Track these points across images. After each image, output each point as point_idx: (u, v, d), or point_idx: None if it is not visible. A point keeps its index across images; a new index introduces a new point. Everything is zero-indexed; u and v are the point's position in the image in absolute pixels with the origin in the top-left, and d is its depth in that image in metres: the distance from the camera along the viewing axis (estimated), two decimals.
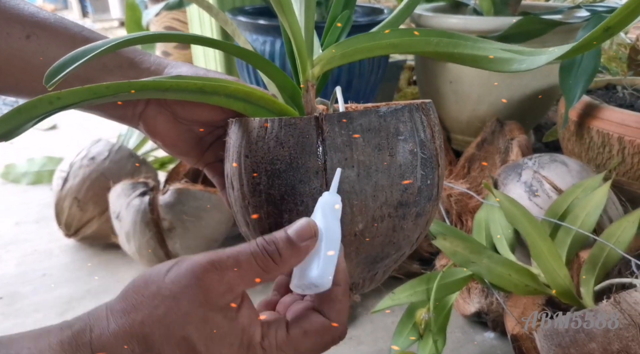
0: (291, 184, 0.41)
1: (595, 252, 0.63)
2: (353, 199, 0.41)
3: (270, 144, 0.42)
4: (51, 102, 0.39)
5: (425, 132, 0.43)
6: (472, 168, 0.97)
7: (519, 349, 0.61)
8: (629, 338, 0.49)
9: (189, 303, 0.33)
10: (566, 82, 0.76)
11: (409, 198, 0.42)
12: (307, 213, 0.41)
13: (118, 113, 0.50)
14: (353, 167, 0.41)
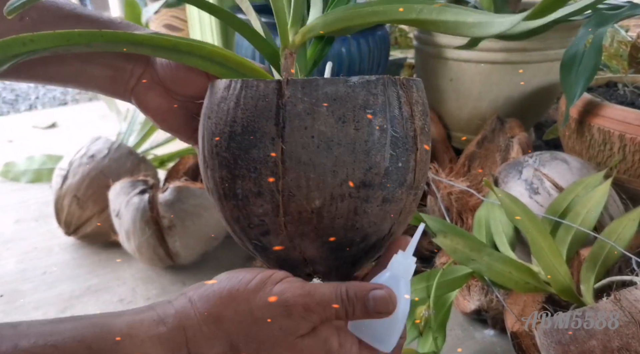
0: (245, 148, 0.39)
1: (596, 250, 0.63)
2: (310, 172, 0.38)
3: (230, 105, 0.40)
4: (24, 43, 0.39)
5: (402, 108, 0.40)
6: (472, 166, 0.97)
7: (519, 346, 0.61)
8: (629, 335, 0.49)
9: (280, 330, 0.36)
10: (567, 80, 0.76)
11: (374, 178, 0.39)
12: (259, 181, 0.39)
13: (111, 88, 0.51)
14: (313, 137, 0.38)
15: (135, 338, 0.35)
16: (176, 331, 0.36)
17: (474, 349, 0.69)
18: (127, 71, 0.50)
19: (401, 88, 0.41)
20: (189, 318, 0.37)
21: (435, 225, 0.70)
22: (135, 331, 0.35)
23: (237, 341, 0.36)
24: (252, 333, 0.36)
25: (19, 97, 2.01)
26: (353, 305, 0.38)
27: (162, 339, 0.35)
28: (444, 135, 1.06)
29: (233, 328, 0.36)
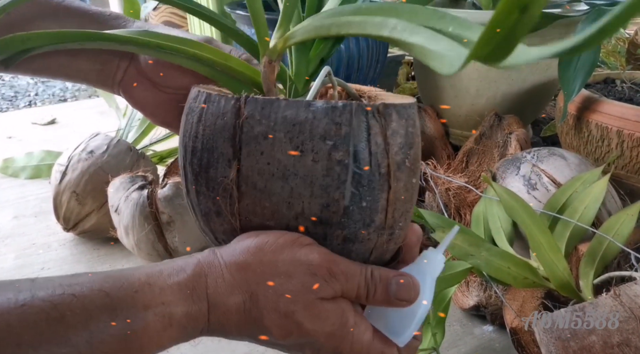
0: (205, 166, 0.38)
1: (594, 245, 0.63)
2: (265, 200, 0.36)
3: (194, 119, 0.38)
4: (23, 41, 0.41)
5: (371, 142, 0.35)
6: (470, 162, 0.97)
7: (518, 342, 0.62)
8: (629, 330, 0.50)
9: (302, 286, 0.36)
10: (565, 76, 0.76)
11: (331, 216, 0.36)
12: (217, 202, 0.38)
13: (99, 81, 0.51)
14: (269, 164, 0.35)
15: (154, 286, 0.35)
16: (197, 278, 0.36)
17: (472, 345, 0.70)
18: (114, 64, 0.50)
19: (374, 117, 0.36)
20: (212, 266, 0.36)
21: (433, 221, 0.70)
22: (155, 280, 0.35)
23: (257, 291, 0.36)
24: (274, 285, 0.36)
25: (18, 94, 2.00)
26: (375, 286, 0.38)
27: (181, 285, 0.35)
28: (442, 132, 1.06)
29: (255, 278, 0.36)
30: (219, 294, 0.36)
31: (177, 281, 0.35)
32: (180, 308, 0.35)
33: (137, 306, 0.33)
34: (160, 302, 0.34)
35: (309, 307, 0.36)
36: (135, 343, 0.33)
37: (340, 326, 0.37)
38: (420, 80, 1.14)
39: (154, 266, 0.36)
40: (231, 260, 0.36)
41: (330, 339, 0.37)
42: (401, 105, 0.37)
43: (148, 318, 0.34)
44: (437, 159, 0.99)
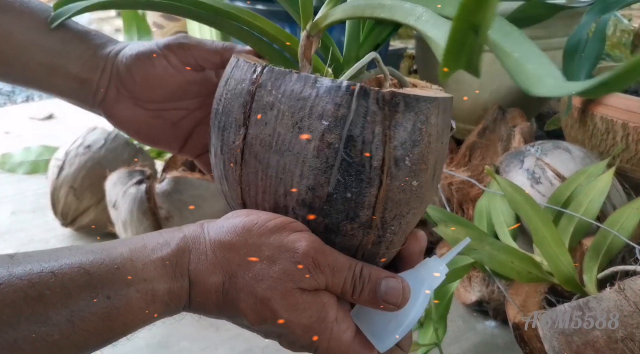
0: (222, 129, 0.38)
1: (599, 239, 0.62)
2: (262, 172, 0.36)
3: (223, 82, 0.39)
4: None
5: (367, 129, 0.33)
6: (473, 156, 0.96)
7: (521, 337, 0.61)
8: (633, 325, 0.49)
9: (283, 273, 0.35)
10: (569, 67, 0.75)
11: (315, 201, 0.35)
12: (227, 165, 0.38)
13: (78, 99, 0.49)
14: (270, 135, 0.35)
15: (136, 261, 0.34)
16: (180, 253, 0.35)
17: (475, 340, 0.69)
18: (92, 83, 0.48)
19: (376, 104, 0.33)
20: (196, 242, 0.36)
21: (436, 215, 0.69)
22: (137, 255, 0.34)
23: (237, 273, 0.35)
24: (254, 269, 0.35)
25: (15, 89, 2.00)
26: (363, 284, 0.36)
27: (164, 261, 0.34)
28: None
29: (238, 259, 0.35)
30: (199, 272, 0.35)
31: (160, 256, 0.34)
32: (162, 284, 0.34)
33: (119, 283, 0.33)
34: (143, 279, 0.33)
35: (286, 296, 0.35)
36: (118, 320, 0.33)
37: (319, 321, 0.36)
38: (423, 74, 1.13)
39: (139, 240, 0.35)
40: (216, 238, 0.36)
41: (307, 333, 0.36)
42: (414, 97, 0.34)
43: (130, 295, 0.33)
44: None
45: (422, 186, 0.36)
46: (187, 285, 0.35)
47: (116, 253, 0.34)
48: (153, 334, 0.69)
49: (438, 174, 0.39)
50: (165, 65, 0.47)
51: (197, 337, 0.68)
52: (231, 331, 0.69)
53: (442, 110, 0.36)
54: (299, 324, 0.35)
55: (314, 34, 0.40)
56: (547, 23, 0.87)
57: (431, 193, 0.38)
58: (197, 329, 0.69)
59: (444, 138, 0.37)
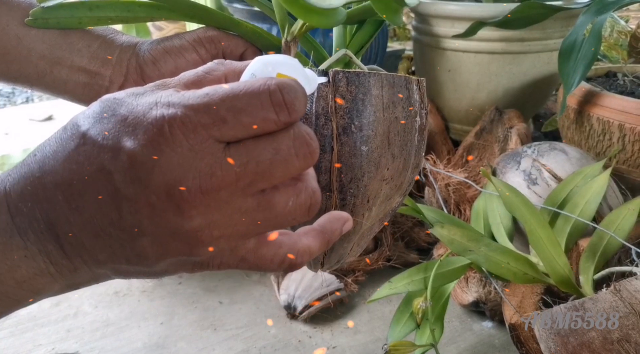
0: None
1: (595, 240, 0.63)
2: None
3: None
4: (90, 8, 0.41)
5: (320, 103, 0.39)
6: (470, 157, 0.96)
7: (517, 338, 0.61)
8: (629, 326, 0.49)
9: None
10: (565, 68, 0.75)
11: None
12: None
13: (84, 96, 0.48)
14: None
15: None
16: None
17: (472, 341, 0.69)
18: (104, 78, 0.47)
19: (323, 83, 0.39)
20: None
21: (432, 216, 0.69)
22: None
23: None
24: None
25: (15, 90, 2.00)
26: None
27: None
28: (442, 127, 1.05)
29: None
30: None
31: None
32: None
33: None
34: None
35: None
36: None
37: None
38: (420, 75, 1.13)
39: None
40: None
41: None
42: (354, 73, 0.39)
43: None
44: (437, 154, 0.98)
45: (373, 151, 0.40)
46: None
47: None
48: (150, 335, 0.69)
49: (399, 145, 0.42)
50: (195, 59, 0.46)
51: (194, 338, 0.68)
52: (229, 332, 0.70)
53: (388, 85, 0.41)
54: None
55: (291, 40, 0.46)
56: (544, 24, 0.87)
57: (389, 161, 0.42)
58: (195, 330, 0.70)
59: (395, 111, 0.41)
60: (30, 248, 0.29)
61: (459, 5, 0.93)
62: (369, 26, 0.50)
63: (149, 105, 0.27)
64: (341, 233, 0.34)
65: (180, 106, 0.26)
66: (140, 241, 0.28)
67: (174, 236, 0.27)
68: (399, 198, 0.49)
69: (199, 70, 0.32)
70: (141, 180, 0.26)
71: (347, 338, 0.69)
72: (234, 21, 0.47)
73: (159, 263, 0.29)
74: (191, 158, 0.26)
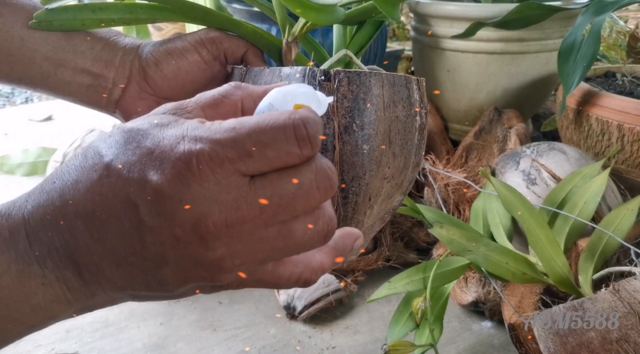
0: None
1: (594, 240, 0.63)
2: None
3: None
4: (93, 10, 0.42)
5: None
6: (469, 157, 0.96)
7: (517, 338, 0.61)
8: (628, 326, 0.49)
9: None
10: (564, 68, 0.75)
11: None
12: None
13: (88, 98, 0.48)
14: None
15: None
16: None
17: (471, 341, 0.69)
18: (108, 80, 0.47)
19: (323, 82, 0.39)
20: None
21: (431, 216, 0.69)
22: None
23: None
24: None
25: (14, 90, 2.00)
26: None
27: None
28: (441, 127, 1.05)
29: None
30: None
31: None
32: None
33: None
34: None
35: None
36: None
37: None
38: (419, 75, 1.13)
39: None
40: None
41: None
42: (355, 72, 0.39)
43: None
44: (436, 154, 0.98)
45: (374, 150, 0.41)
46: None
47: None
48: (150, 335, 0.69)
49: (400, 143, 0.43)
50: (197, 60, 0.46)
51: (193, 338, 0.68)
52: (228, 332, 0.70)
53: (388, 84, 0.41)
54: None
55: (292, 41, 0.47)
56: (543, 24, 0.87)
57: (390, 159, 0.43)
58: (194, 330, 0.70)
59: (396, 110, 0.42)
60: (48, 276, 0.29)
61: (458, 6, 0.94)
62: (369, 27, 0.51)
63: (175, 138, 0.27)
64: (352, 249, 0.35)
65: (208, 141, 0.27)
66: (163, 270, 0.29)
67: (196, 265, 0.28)
68: (400, 197, 0.49)
69: (216, 93, 0.32)
70: (167, 213, 0.27)
71: (347, 338, 0.69)
72: (234, 22, 0.47)
73: (179, 289, 0.30)
74: (217, 192, 0.27)
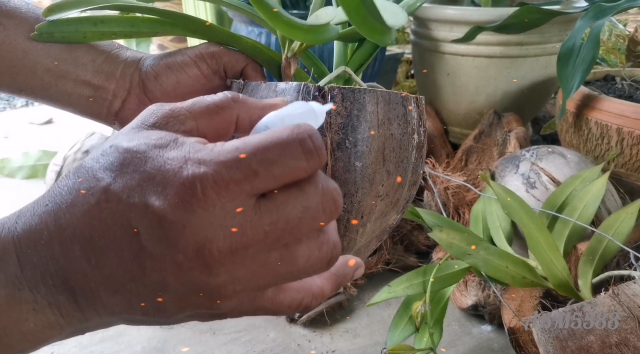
0: None
1: (594, 244, 0.63)
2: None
3: None
4: (95, 23, 0.42)
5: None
6: (469, 160, 0.96)
7: (516, 342, 0.61)
8: (627, 330, 0.49)
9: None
10: (564, 72, 0.75)
11: None
12: None
13: (89, 109, 0.48)
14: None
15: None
16: None
17: (471, 345, 0.69)
18: (108, 92, 0.47)
19: (317, 97, 0.39)
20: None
21: (431, 220, 0.69)
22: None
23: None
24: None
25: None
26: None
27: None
28: (441, 130, 1.05)
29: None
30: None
31: None
32: None
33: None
34: None
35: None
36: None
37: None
38: (419, 78, 1.14)
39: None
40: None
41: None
42: (349, 88, 0.39)
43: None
44: (436, 158, 0.98)
45: (367, 167, 0.40)
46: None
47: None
48: (149, 339, 0.69)
49: (394, 161, 0.42)
50: (197, 74, 0.47)
51: (193, 341, 0.68)
52: (228, 336, 0.70)
53: (383, 101, 0.41)
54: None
55: (291, 57, 0.47)
56: (542, 29, 0.87)
57: (384, 177, 0.42)
58: (194, 334, 0.70)
59: (391, 127, 0.41)
60: (40, 302, 0.28)
61: (458, 10, 0.94)
62: (369, 44, 0.50)
63: (177, 162, 0.26)
64: (352, 278, 0.35)
65: (212, 164, 0.26)
66: (162, 297, 0.28)
67: (196, 292, 0.27)
68: (396, 215, 0.48)
69: (211, 103, 0.31)
70: (169, 239, 0.26)
71: (347, 342, 0.69)
72: (235, 37, 0.48)
73: (177, 315, 0.29)
74: (222, 216, 0.26)
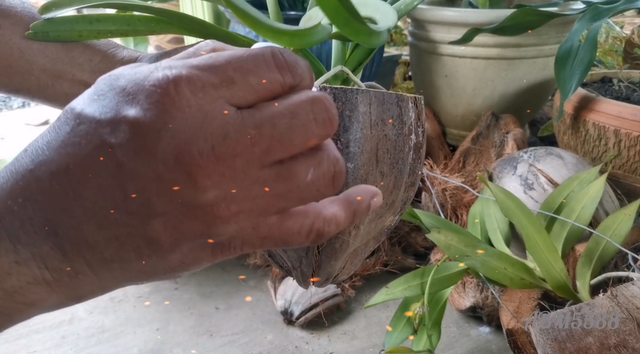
0: None
1: (592, 245, 0.63)
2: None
3: None
4: (91, 21, 0.42)
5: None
6: (467, 162, 0.96)
7: (515, 343, 0.61)
8: (626, 332, 0.49)
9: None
10: (561, 74, 0.75)
11: None
12: None
13: None
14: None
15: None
16: None
17: (469, 346, 0.69)
18: None
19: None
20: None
21: (429, 221, 0.69)
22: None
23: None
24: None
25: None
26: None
27: None
28: (439, 132, 1.05)
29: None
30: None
31: None
32: None
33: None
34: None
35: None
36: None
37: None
38: (417, 80, 1.14)
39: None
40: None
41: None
42: (341, 89, 0.38)
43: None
44: (433, 159, 0.98)
45: (359, 169, 0.40)
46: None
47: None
48: (146, 341, 0.69)
49: (389, 162, 0.41)
50: None
51: (190, 344, 0.68)
52: (225, 338, 0.69)
53: (377, 102, 0.40)
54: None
55: None
56: (539, 30, 0.87)
57: (378, 179, 0.41)
58: (190, 336, 0.69)
59: (386, 128, 0.40)
60: (21, 253, 0.26)
61: (455, 11, 0.94)
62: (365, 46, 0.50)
63: (148, 69, 0.25)
64: (369, 206, 0.31)
65: (185, 66, 0.25)
66: (151, 225, 0.25)
67: (187, 214, 0.25)
68: (392, 217, 0.48)
69: (189, 50, 0.32)
70: (147, 149, 0.24)
71: (344, 344, 0.69)
72: (231, 36, 0.47)
73: (175, 251, 0.26)
74: (201, 119, 0.24)
